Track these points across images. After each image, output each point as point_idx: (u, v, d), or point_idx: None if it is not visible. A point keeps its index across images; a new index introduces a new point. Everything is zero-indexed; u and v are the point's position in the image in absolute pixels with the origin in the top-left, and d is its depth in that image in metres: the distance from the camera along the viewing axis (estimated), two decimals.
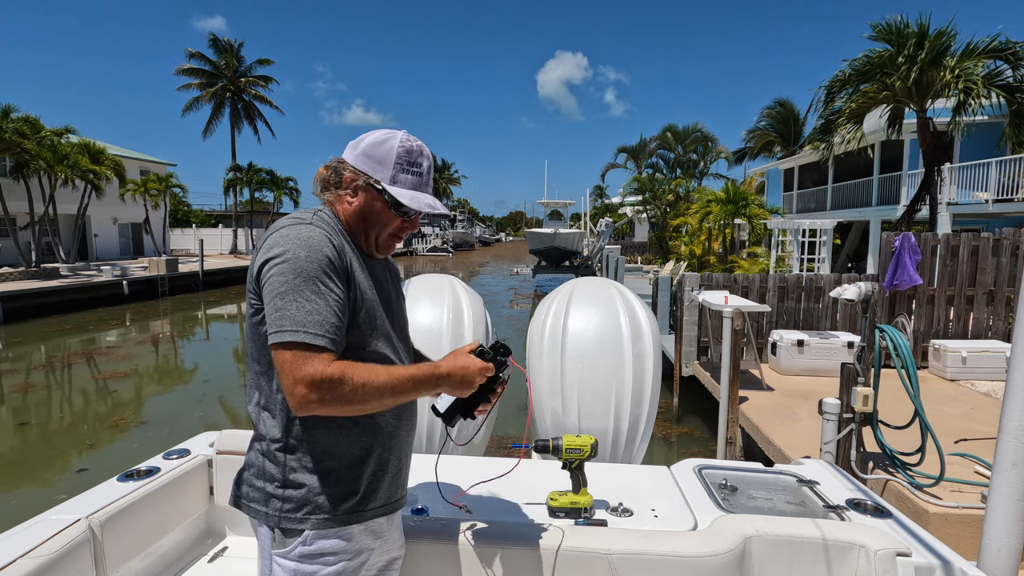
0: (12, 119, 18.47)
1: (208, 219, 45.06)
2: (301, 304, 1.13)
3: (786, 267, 14.51)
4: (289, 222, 1.25)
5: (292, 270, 1.15)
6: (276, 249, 1.18)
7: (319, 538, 1.22)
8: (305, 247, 1.17)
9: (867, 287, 4.14)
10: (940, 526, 3.41)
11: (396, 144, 1.31)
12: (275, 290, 1.15)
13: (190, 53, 35.97)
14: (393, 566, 1.44)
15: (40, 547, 1.40)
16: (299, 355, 1.12)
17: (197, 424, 7.55)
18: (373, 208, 1.32)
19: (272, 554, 1.24)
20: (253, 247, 34.46)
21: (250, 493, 1.27)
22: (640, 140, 36.66)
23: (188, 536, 1.96)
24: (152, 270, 21.57)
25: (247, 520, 1.32)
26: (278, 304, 1.14)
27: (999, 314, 7.08)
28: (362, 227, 1.33)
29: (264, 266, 1.18)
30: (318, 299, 1.15)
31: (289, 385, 1.12)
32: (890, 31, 9.87)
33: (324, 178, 1.34)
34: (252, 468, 1.29)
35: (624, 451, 2.66)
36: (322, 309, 1.15)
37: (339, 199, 1.33)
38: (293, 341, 1.12)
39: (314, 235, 1.20)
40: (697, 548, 1.48)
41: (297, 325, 1.12)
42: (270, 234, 1.23)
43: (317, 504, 1.22)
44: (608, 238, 28.75)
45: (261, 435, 1.27)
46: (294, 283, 1.14)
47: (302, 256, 1.16)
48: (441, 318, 2.85)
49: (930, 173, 10.56)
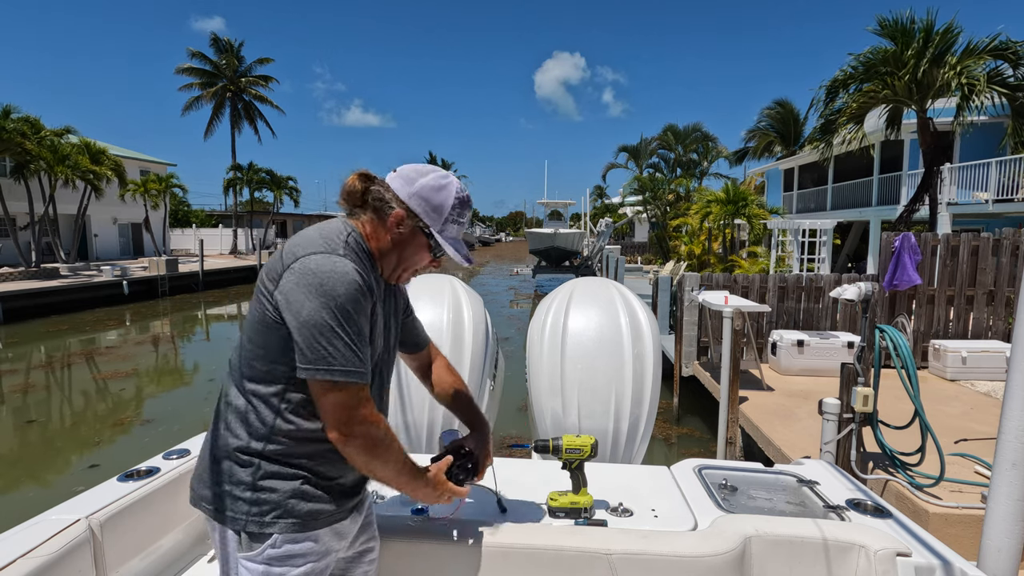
0: (13, 119, 18.48)
1: (208, 219, 45.04)
2: (347, 344, 1.17)
3: (786, 267, 14.50)
4: (323, 248, 1.21)
5: (331, 308, 1.16)
6: (312, 279, 1.17)
7: (287, 541, 1.22)
8: (344, 284, 1.17)
9: (867, 287, 4.14)
10: (940, 526, 3.41)
11: (453, 194, 1.33)
12: (314, 323, 1.15)
13: (191, 52, 36.03)
14: (365, 558, 1.46)
15: (40, 547, 1.40)
16: (352, 394, 1.19)
17: (207, 419, 7.60)
18: (414, 250, 1.35)
19: (239, 558, 1.24)
20: (253, 248, 34.48)
21: (214, 496, 1.25)
22: (640, 140, 36.66)
23: (188, 536, 1.96)
24: (152, 270, 21.58)
25: None
26: (319, 339, 1.16)
27: (999, 314, 7.08)
28: (393, 261, 1.35)
29: (296, 290, 1.17)
30: (356, 338, 1.19)
31: (338, 420, 1.19)
32: (896, 27, 9.86)
33: (355, 193, 1.32)
34: (216, 471, 1.26)
35: (624, 451, 2.65)
36: (364, 349, 1.21)
37: (377, 229, 1.32)
38: (345, 381, 1.18)
39: (349, 272, 1.19)
40: (697, 548, 1.49)
41: (348, 364, 1.17)
42: (300, 254, 1.20)
43: (287, 509, 1.22)
44: (608, 238, 28.73)
45: (236, 439, 1.25)
46: (335, 322, 1.16)
47: (340, 294, 1.16)
48: (441, 318, 2.85)
49: (930, 173, 10.55)
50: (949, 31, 9.53)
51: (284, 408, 1.23)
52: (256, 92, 37.93)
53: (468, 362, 2.76)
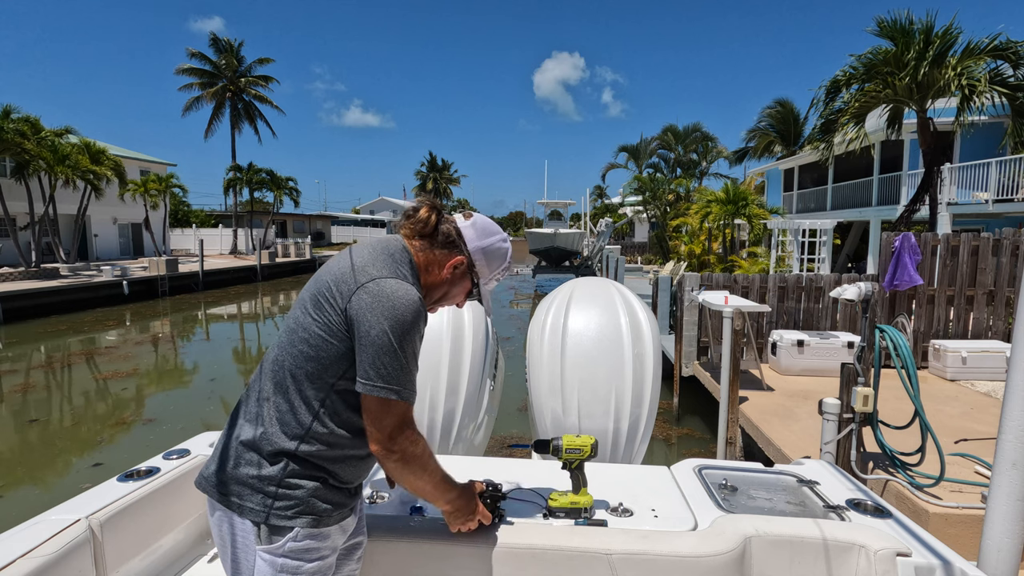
0: (13, 119, 18.48)
1: (208, 219, 45.03)
2: (407, 366, 1.28)
3: (786, 267, 14.51)
4: (394, 272, 1.32)
5: (401, 331, 1.26)
6: (387, 303, 1.26)
7: (307, 536, 1.28)
8: (413, 312, 1.28)
9: (867, 287, 4.14)
10: (940, 526, 3.41)
11: (507, 259, 1.53)
12: (382, 343, 1.25)
13: (190, 53, 36.03)
14: (355, 554, 1.49)
15: (40, 547, 1.40)
16: (405, 413, 1.30)
17: (208, 420, 7.63)
18: (459, 290, 1.49)
19: (257, 549, 1.27)
20: (253, 248, 34.46)
21: (237, 487, 1.28)
22: (640, 140, 36.68)
23: (188, 536, 1.96)
24: (152, 270, 21.58)
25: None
26: (385, 358, 1.25)
27: (999, 314, 7.08)
28: (436, 295, 1.47)
29: (370, 312, 1.25)
30: (414, 363, 1.31)
31: (389, 434, 1.28)
32: (895, 27, 9.85)
33: (426, 225, 1.42)
34: (243, 463, 1.29)
35: (624, 451, 2.65)
36: (415, 371, 1.33)
37: (435, 263, 1.43)
38: (401, 400, 1.28)
39: (416, 300, 1.29)
40: (697, 548, 1.49)
41: (406, 385, 1.28)
42: (376, 276, 1.29)
43: (309, 505, 1.28)
44: (608, 238, 28.74)
45: (269, 435, 1.29)
46: (402, 345, 1.26)
47: (408, 320, 1.27)
48: (441, 318, 2.85)
49: (930, 173, 10.55)
50: (949, 32, 9.53)
51: (323, 412, 1.30)
52: (256, 92, 37.94)
53: (468, 362, 2.76)
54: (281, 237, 44.00)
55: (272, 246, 35.87)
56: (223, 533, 1.31)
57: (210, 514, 1.34)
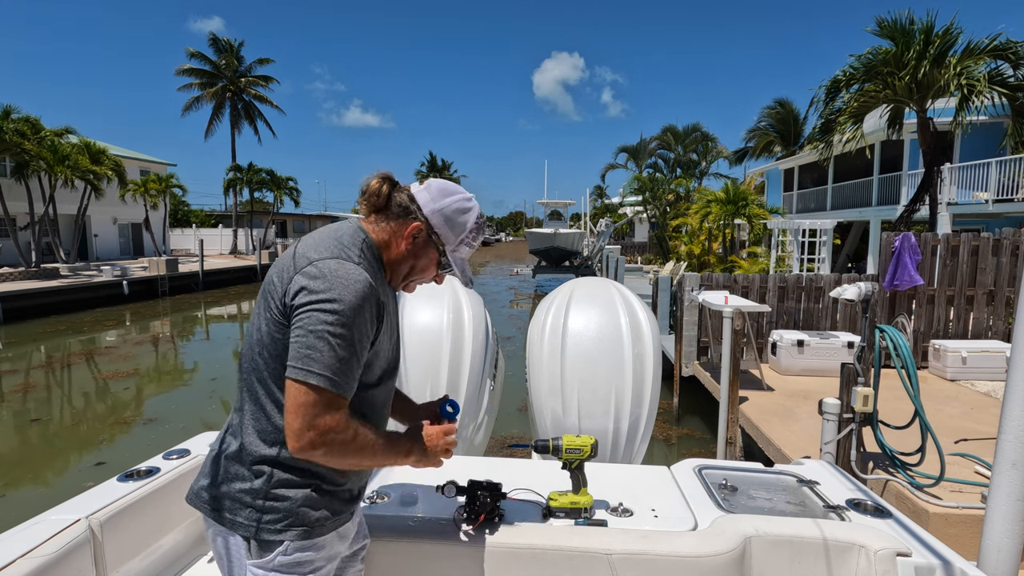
0: (13, 119, 18.48)
1: (208, 219, 45.02)
2: (336, 352, 1.13)
3: (786, 267, 14.51)
4: (337, 253, 1.21)
5: (334, 314, 1.13)
6: (321, 284, 1.15)
7: (298, 549, 1.22)
8: (353, 293, 1.16)
9: (867, 287, 4.14)
10: (940, 526, 3.41)
11: (473, 219, 1.37)
12: (311, 326, 1.13)
13: (190, 53, 36.02)
14: (358, 557, 1.48)
15: (40, 547, 1.40)
16: (321, 401, 1.13)
17: (208, 420, 7.64)
18: (426, 262, 1.36)
19: (248, 564, 1.23)
20: (253, 248, 34.46)
21: (221, 501, 1.24)
22: (640, 140, 36.66)
23: (188, 536, 1.96)
24: (152, 270, 21.58)
25: None
26: (311, 341, 1.13)
27: (999, 314, 7.08)
28: (403, 271, 1.36)
29: (304, 294, 1.15)
30: (351, 350, 1.16)
31: (300, 427, 1.13)
32: (895, 27, 9.85)
33: (378, 197, 1.31)
34: (226, 476, 1.25)
35: (624, 451, 2.65)
36: (352, 361, 1.16)
37: (394, 237, 1.32)
38: (319, 386, 1.13)
39: (362, 281, 1.18)
40: (697, 548, 1.49)
41: (327, 370, 1.13)
42: (314, 258, 1.19)
43: (298, 516, 1.22)
44: (608, 238, 28.74)
45: (248, 444, 1.23)
46: (333, 329, 1.13)
47: (348, 301, 1.15)
48: (441, 318, 2.85)
49: (930, 173, 10.55)
50: (949, 31, 9.53)
51: None
52: (256, 92, 37.93)
53: (468, 362, 2.76)
54: (281, 237, 43.98)
55: (272, 246, 35.88)
56: (219, 548, 1.28)
57: (206, 528, 1.30)
